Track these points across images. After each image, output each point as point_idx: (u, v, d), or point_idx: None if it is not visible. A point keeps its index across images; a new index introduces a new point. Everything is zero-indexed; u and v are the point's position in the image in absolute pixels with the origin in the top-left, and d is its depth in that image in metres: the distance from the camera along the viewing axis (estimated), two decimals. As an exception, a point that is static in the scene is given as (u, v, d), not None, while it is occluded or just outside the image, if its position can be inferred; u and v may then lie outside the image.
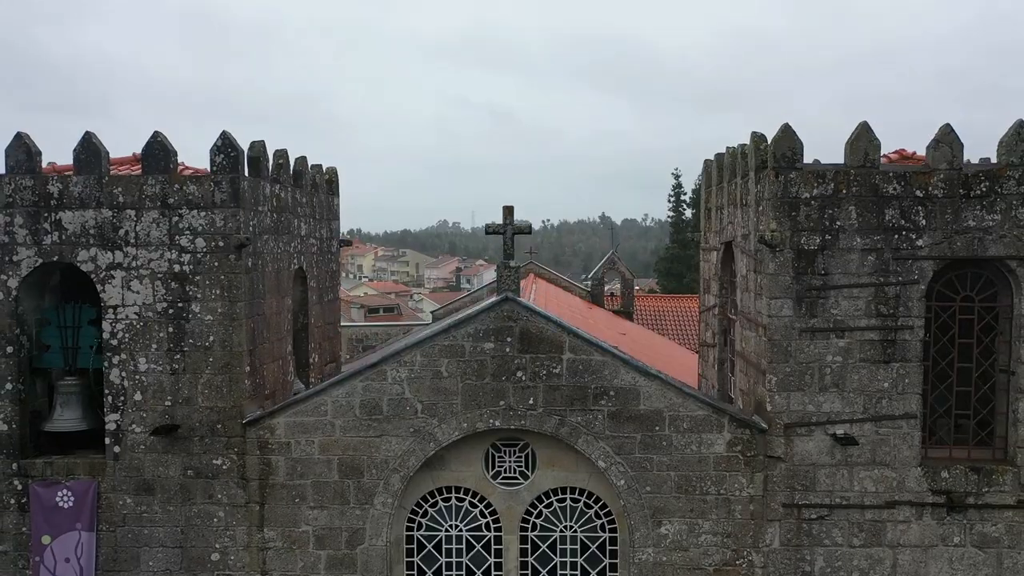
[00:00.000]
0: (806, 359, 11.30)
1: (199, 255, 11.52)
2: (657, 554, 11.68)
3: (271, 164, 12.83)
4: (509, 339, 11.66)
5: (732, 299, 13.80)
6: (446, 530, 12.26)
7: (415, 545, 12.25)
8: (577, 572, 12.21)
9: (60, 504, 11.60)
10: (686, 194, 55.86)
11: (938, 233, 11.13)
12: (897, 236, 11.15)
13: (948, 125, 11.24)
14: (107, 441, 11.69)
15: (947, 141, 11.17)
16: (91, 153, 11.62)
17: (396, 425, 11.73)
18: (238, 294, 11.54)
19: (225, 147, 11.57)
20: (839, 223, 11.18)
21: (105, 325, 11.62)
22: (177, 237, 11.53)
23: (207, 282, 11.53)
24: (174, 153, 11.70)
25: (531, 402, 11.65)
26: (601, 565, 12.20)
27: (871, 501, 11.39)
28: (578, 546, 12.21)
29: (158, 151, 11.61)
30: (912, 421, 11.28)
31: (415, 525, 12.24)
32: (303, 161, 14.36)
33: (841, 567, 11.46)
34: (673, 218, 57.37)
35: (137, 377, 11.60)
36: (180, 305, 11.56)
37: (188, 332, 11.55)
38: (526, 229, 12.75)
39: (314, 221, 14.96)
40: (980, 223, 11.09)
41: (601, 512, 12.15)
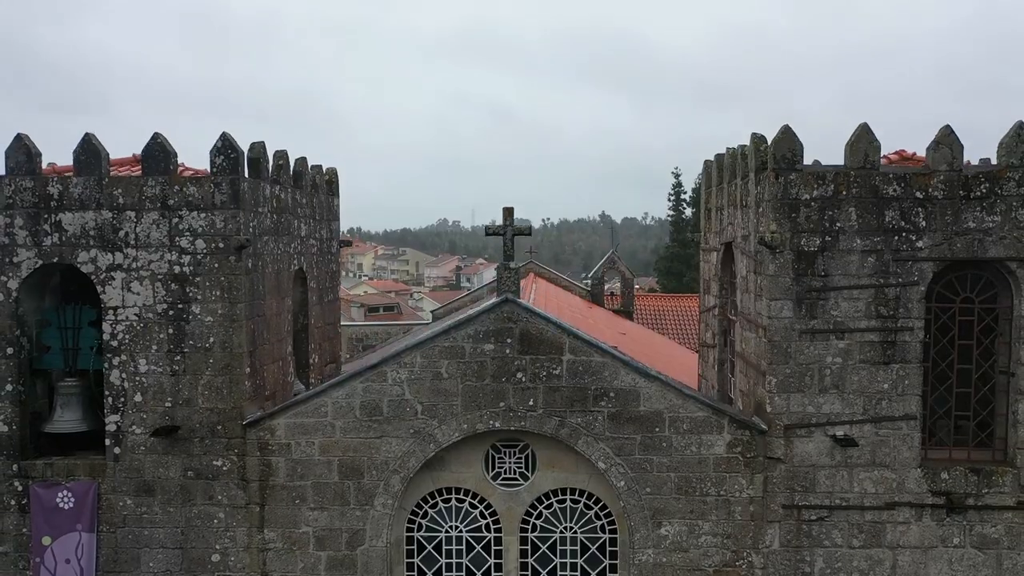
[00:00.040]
0: (806, 360, 11.30)
1: (199, 256, 11.53)
2: (657, 555, 11.70)
3: (271, 165, 12.83)
4: (509, 340, 11.66)
5: (732, 300, 13.80)
6: (446, 531, 12.28)
7: (415, 546, 12.27)
8: (577, 573, 12.22)
9: (60, 505, 11.61)
10: (686, 193, 55.84)
11: (938, 235, 11.13)
12: (897, 237, 11.16)
13: (948, 127, 11.25)
14: (107, 442, 11.70)
15: (947, 142, 11.17)
16: (91, 154, 11.62)
17: (396, 426, 11.74)
18: (238, 295, 11.55)
19: (225, 148, 11.57)
20: (839, 224, 11.18)
21: (105, 326, 11.63)
22: (177, 238, 11.54)
23: (207, 283, 11.54)
24: (174, 154, 11.70)
25: (531, 403, 11.66)
26: (601, 566, 12.21)
27: (871, 502, 11.40)
28: (578, 547, 12.22)
29: (158, 152, 11.62)
30: (912, 422, 11.29)
31: (415, 526, 12.25)
32: (303, 162, 14.36)
33: (841, 568, 11.47)
34: (673, 217, 57.30)
35: (137, 378, 11.61)
36: (180, 306, 11.56)
37: (188, 333, 11.56)
38: (526, 231, 12.75)
39: (314, 222, 14.96)
40: (980, 224, 11.10)
41: (601, 513, 12.16)
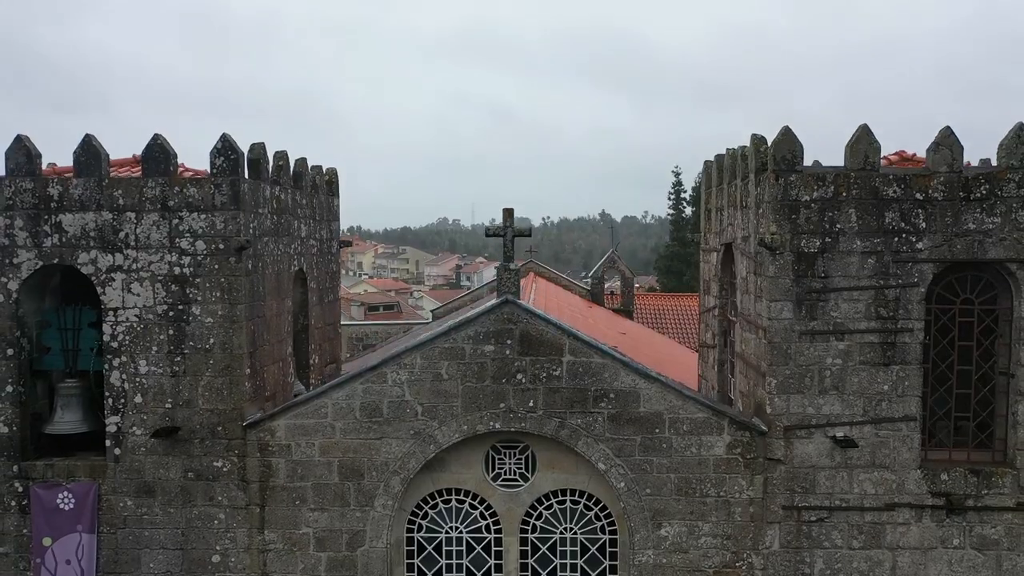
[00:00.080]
0: (806, 361, 11.31)
1: (199, 257, 11.53)
2: (657, 556, 11.70)
3: (271, 166, 12.84)
4: (509, 341, 11.67)
5: (732, 301, 13.80)
6: (446, 532, 12.28)
7: (415, 547, 12.27)
8: (577, 574, 12.23)
9: (61, 506, 11.62)
10: (686, 192, 55.81)
11: (938, 236, 11.13)
12: (897, 239, 11.16)
13: (948, 128, 11.25)
14: (107, 443, 11.71)
15: (947, 144, 11.17)
16: (91, 155, 11.62)
17: (396, 427, 11.74)
18: (238, 296, 11.55)
19: (225, 150, 11.57)
20: (839, 226, 11.18)
21: (105, 327, 11.64)
22: (177, 239, 11.54)
23: (207, 284, 11.54)
24: (174, 155, 11.70)
25: (531, 404, 11.66)
26: (601, 567, 12.22)
27: (871, 503, 11.41)
28: (578, 548, 12.23)
29: (158, 154, 11.62)
30: (912, 423, 11.30)
31: (415, 527, 12.26)
32: (303, 162, 14.37)
33: (841, 569, 11.48)
34: (673, 216, 57.28)
35: (137, 379, 11.61)
36: (180, 307, 11.57)
37: (188, 334, 11.56)
38: (526, 232, 12.73)
39: (314, 222, 14.96)
40: (980, 226, 11.10)
41: (601, 514, 12.17)
